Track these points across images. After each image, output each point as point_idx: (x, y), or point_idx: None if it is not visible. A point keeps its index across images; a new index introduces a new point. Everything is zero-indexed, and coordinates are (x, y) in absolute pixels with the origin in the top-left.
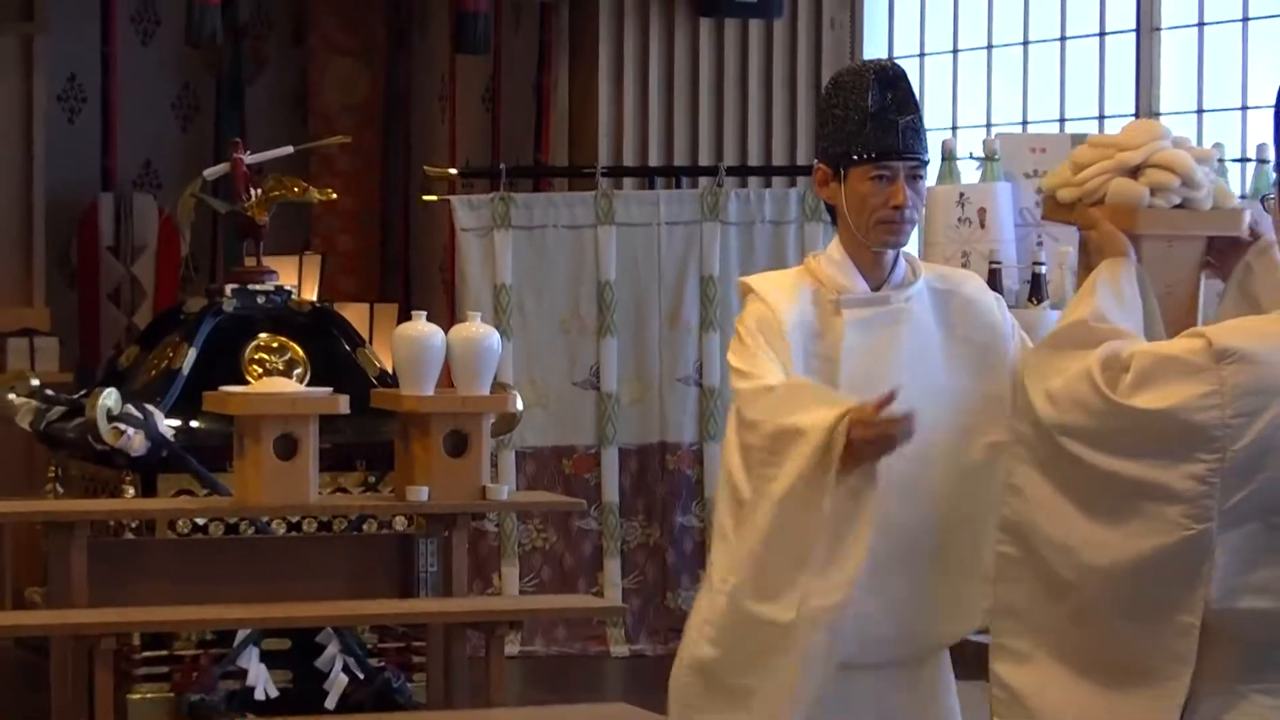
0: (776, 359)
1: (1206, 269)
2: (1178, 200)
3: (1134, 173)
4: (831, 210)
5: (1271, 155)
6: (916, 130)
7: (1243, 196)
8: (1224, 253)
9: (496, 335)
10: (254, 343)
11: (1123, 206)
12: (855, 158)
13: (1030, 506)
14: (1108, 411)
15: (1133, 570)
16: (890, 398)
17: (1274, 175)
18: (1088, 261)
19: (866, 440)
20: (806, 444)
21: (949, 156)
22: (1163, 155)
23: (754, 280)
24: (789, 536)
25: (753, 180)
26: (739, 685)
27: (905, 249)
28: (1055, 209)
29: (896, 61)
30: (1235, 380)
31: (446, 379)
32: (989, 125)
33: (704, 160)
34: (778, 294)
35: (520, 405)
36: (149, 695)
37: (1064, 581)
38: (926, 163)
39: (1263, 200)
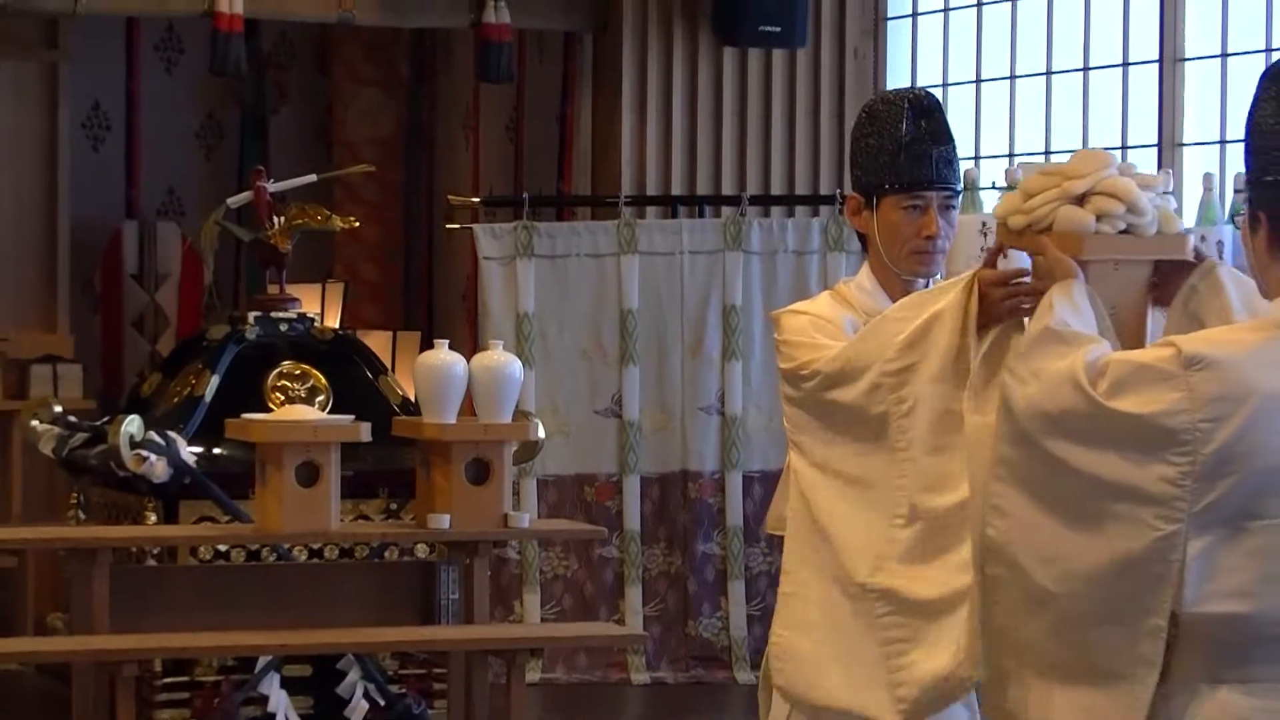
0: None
1: (1152, 290)
2: (1123, 226)
3: (1080, 200)
4: (862, 238)
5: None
6: (949, 160)
7: None
8: (1169, 275)
9: (518, 363)
10: (276, 370)
11: (1069, 233)
12: (888, 187)
13: (1012, 524)
14: (1090, 412)
15: (1110, 573)
16: (1021, 272)
17: (1244, 195)
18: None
19: (1000, 298)
20: (944, 322)
21: (972, 186)
22: (1108, 183)
23: (791, 306)
24: (950, 421)
25: (775, 210)
26: (931, 600)
27: (935, 277)
28: (1006, 235)
29: (930, 91)
30: (1204, 387)
31: (468, 407)
32: (1011, 155)
33: (727, 190)
34: (822, 309)
35: (542, 433)
36: None
37: (1045, 594)
38: (959, 193)
39: (1233, 219)
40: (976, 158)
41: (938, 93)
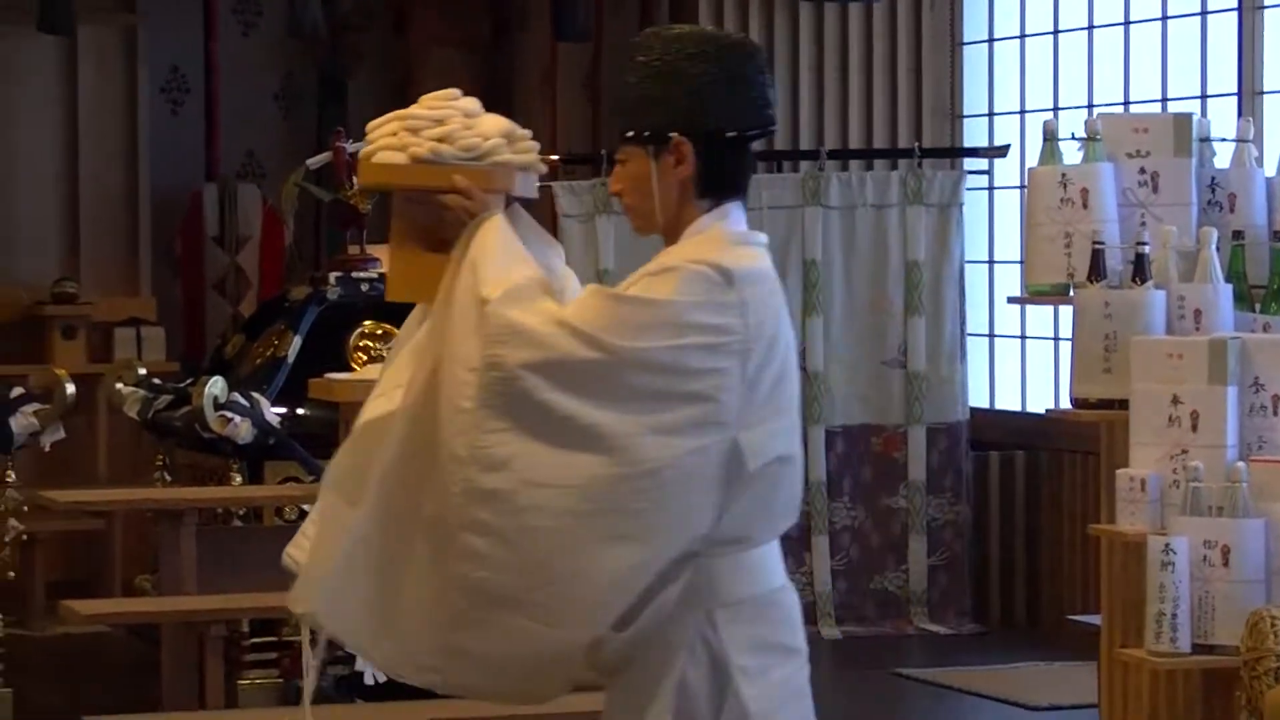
0: None
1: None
2: (429, 156)
3: (414, 133)
4: None
5: None
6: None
7: None
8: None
9: None
10: (358, 330)
11: (384, 162)
12: None
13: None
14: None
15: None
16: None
17: None
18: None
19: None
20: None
21: (1050, 137)
22: (413, 119)
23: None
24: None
25: (854, 164)
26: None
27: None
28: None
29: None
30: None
31: None
32: (1090, 105)
33: (805, 144)
34: None
35: None
36: (258, 681)
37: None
38: (628, 140)
39: None
40: (1055, 109)
41: (1015, 44)
